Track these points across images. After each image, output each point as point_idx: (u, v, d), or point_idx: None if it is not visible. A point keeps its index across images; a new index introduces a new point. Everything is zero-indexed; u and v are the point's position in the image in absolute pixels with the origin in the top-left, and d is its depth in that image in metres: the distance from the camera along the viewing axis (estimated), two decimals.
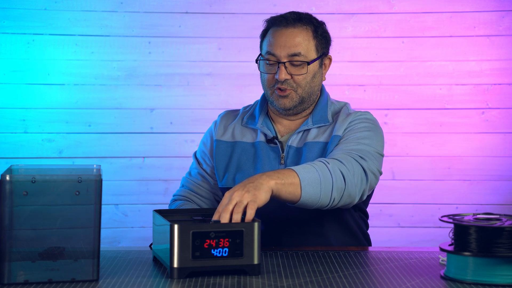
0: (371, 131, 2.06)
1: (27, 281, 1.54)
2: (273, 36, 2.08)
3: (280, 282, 1.57)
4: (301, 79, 2.06)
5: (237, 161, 2.14)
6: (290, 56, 2.05)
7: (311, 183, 1.81)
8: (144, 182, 3.54)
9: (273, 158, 2.10)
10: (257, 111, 2.20)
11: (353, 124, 2.06)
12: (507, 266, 1.54)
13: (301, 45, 2.05)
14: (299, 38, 2.06)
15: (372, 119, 2.11)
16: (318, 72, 2.11)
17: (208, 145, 2.22)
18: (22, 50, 3.47)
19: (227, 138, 2.18)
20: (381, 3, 3.53)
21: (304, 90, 2.08)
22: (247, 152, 2.14)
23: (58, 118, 3.49)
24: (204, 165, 2.22)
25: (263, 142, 2.13)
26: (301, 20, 2.08)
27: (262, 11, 3.51)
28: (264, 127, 2.14)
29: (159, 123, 3.54)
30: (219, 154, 2.17)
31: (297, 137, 2.11)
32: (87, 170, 1.70)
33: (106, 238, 3.46)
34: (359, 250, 1.91)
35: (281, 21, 2.09)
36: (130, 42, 3.52)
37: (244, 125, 2.18)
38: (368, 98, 3.52)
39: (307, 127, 2.11)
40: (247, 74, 3.52)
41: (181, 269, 1.57)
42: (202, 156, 2.23)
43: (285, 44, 2.05)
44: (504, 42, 3.52)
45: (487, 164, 3.54)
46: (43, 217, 1.55)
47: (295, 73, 2.06)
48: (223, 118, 2.23)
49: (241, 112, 2.24)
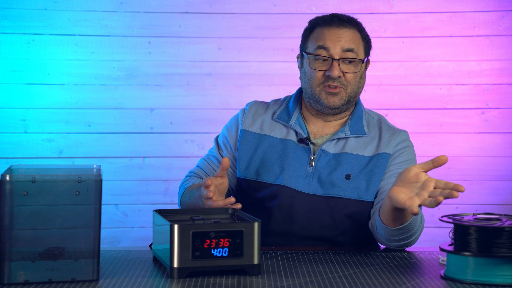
0: (414, 162, 2.14)
1: (27, 281, 1.54)
2: (326, 32, 2.06)
3: (280, 282, 1.57)
4: (352, 78, 2.06)
5: (263, 154, 2.11)
6: (344, 52, 2.04)
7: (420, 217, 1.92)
8: (144, 182, 3.54)
9: (302, 158, 2.08)
10: (291, 107, 2.16)
11: (403, 151, 2.11)
12: (507, 266, 1.54)
13: (353, 42, 2.06)
14: (352, 37, 2.06)
15: (412, 144, 2.16)
16: (363, 73, 2.12)
17: (233, 133, 2.18)
18: (22, 50, 3.47)
19: (255, 130, 2.14)
20: (381, 3, 3.53)
21: (352, 90, 2.07)
22: (274, 147, 2.11)
23: (58, 118, 3.49)
24: (224, 152, 2.18)
25: (293, 140, 2.10)
26: (350, 21, 2.09)
27: (262, 11, 3.51)
28: (297, 126, 2.11)
29: (159, 123, 3.54)
30: (245, 145, 2.13)
31: (333, 144, 2.09)
32: (87, 170, 1.70)
33: (106, 238, 3.46)
34: (359, 250, 1.91)
35: (332, 19, 2.08)
36: (130, 42, 3.52)
37: (275, 119, 2.15)
38: (368, 98, 3.52)
39: (344, 135, 2.09)
40: (247, 74, 3.52)
41: (181, 269, 1.57)
42: (224, 142, 2.19)
43: (340, 39, 2.05)
44: (504, 42, 3.52)
45: (487, 164, 3.54)
46: (43, 217, 1.55)
47: (347, 70, 2.05)
48: (251, 107, 2.19)
49: (271, 104, 2.20)
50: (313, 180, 2.06)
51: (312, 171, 2.06)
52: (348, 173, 2.05)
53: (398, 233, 1.88)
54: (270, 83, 3.49)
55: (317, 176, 2.06)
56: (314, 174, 2.06)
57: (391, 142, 2.09)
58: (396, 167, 2.07)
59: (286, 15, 3.46)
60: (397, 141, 2.10)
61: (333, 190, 2.04)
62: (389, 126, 2.15)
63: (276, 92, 3.48)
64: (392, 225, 1.87)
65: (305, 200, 2.05)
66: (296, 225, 2.06)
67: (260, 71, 3.50)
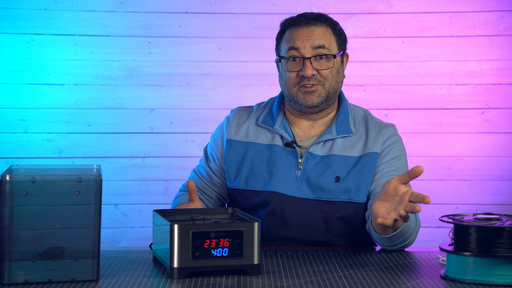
0: (404, 156, 2.12)
1: (27, 281, 1.54)
2: (294, 33, 2.06)
3: (280, 282, 1.57)
4: (327, 73, 2.04)
5: (250, 163, 2.09)
6: (315, 49, 2.03)
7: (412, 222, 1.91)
8: (144, 182, 3.54)
9: (289, 162, 2.06)
10: (275, 111, 2.15)
11: (391, 147, 2.08)
12: (507, 266, 1.54)
13: (324, 38, 2.05)
14: (321, 33, 2.05)
15: (400, 137, 2.13)
16: (341, 68, 2.10)
17: (219, 144, 2.17)
18: (22, 50, 3.47)
19: (240, 138, 2.13)
20: (381, 3, 3.53)
21: (330, 85, 2.05)
22: (261, 154, 2.09)
23: (58, 118, 3.49)
24: (211, 163, 2.17)
25: (279, 145, 2.09)
26: (319, 18, 2.08)
27: (262, 11, 3.51)
28: (282, 130, 2.09)
29: (159, 123, 3.54)
30: (232, 155, 2.12)
31: (320, 146, 2.07)
32: (87, 170, 1.70)
33: (106, 238, 3.46)
34: (359, 250, 1.91)
35: (300, 19, 2.08)
36: (130, 42, 3.52)
37: (259, 124, 2.13)
38: (368, 98, 3.53)
39: (331, 136, 2.07)
40: (247, 74, 3.52)
41: (181, 269, 1.57)
42: (211, 153, 2.19)
43: (309, 38, 2.04)
44: (504, 42, 3.52)
45: (487, 164, 3.54)
46: (43, 217, 1.55)
47: (320, 67, 2.04)
48: (235, 115, 2.18)
49: (255, 109, 2.19)
50: (302, 183, 2.04)
51: (301, 174, 2.05)
52: (337, 175, 2.03)
53: (392, 240, 1.88)
54: (270, 83, 3.49)
55: (306, 179, 2.04)
56: (302, 177, 2.05)
57: (379, 139, 2.07)
58: (386, 166, 2.06)
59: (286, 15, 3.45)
60: (384, 137, 2.08)
61: (323, 193, 2.03)
62: (375, 122, 2.12)
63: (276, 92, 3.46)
64: (384, 233, 1.87)
65: (296, 204, 2.04)
66: (290, 230, 2.05)
67: (260, 71, 3.50)
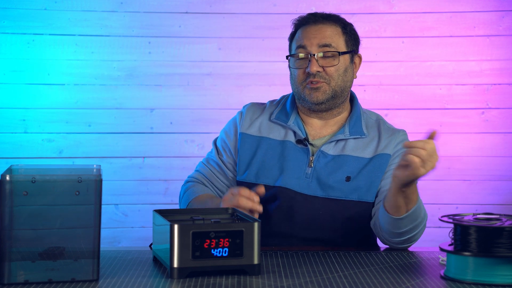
0: None
1: (27, 281, 1.54)
2: (303, 31, 2.09)
3: (280, 282, 1.57)
4: (333, 71, 2.06)
5: (262, 157, 2.10)
6: (321, 47, 2.05)
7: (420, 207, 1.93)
8: (144, 182, 3.54)
9: (301, 159, 2.07)
10: (289, 108, 2.16)
11: (402, 151, 2.08)
12: (507, 266, 1.54)
13: (331, 37, 2.07)
14: (329, 32, 2.08)
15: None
16: (350, 67, 2.11)
17: (232, 136, 2.17)
18: (22, 50, 3.47)
19: (253, 132, 2.14)
20: (381, 3, 3.53)
21: (336, 83, 2.07)
22: (273, 149, 2.11)
23: (58, 118, 3.49)
24: (224, 156, 2.18)
25: (292, 141, 2.10)
26: (329, 17, 2.11)
27: (262, 11, 3.51)
28: (296, 126, 2.11)
29: (159, 123, 3.54)
30: (244, 148, 2.13)
31: (332, 145, 2.09)
32: (87, 170, 1.70)
33: (106, 238, 3.46)
34: (359, 250, 1.91)
35: (309, 18, 2.11)
36: (130, 42, 3.52)
37: (273, 120, 2.14)
38: (368, 98, 3.52)
39: (343, 136, 2.09)
40: (247, 74, 3.52)
41: (181, 269, 1.57)
42: (223, 145, 2.19)
43: (316, 36, 2.06)
44: (504, 42, 3.52)
45: (487, 164, 3.54)
46: (43, 217, 1.55)
47: (326, 65, 2.06)
48: (249, 110, 2.19)
49: (268, 105, 2.20)
50: (312, 181, 2.06)
51: (311, 172, 2.06)
52: (348, 175, 2.05)
53: (403, 224, 1.88)
54: (270, 83, 3.49)
55: (316, 177, 2.06)
56: (313, 175, 2.06)
57: (391, 142, 2.10)
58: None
59: (286, 15, 3.45)
60: (396, 141, 2.11)
61: (332, 192, 2.04)
62: (387, 126, 2.15)
63: (276, 92, 3.46)
64: (396, 213, 1.88)
65: (305, 201, 2.05)
66: (296, 226, 2.06)
67: (260, 71, 3.50)
